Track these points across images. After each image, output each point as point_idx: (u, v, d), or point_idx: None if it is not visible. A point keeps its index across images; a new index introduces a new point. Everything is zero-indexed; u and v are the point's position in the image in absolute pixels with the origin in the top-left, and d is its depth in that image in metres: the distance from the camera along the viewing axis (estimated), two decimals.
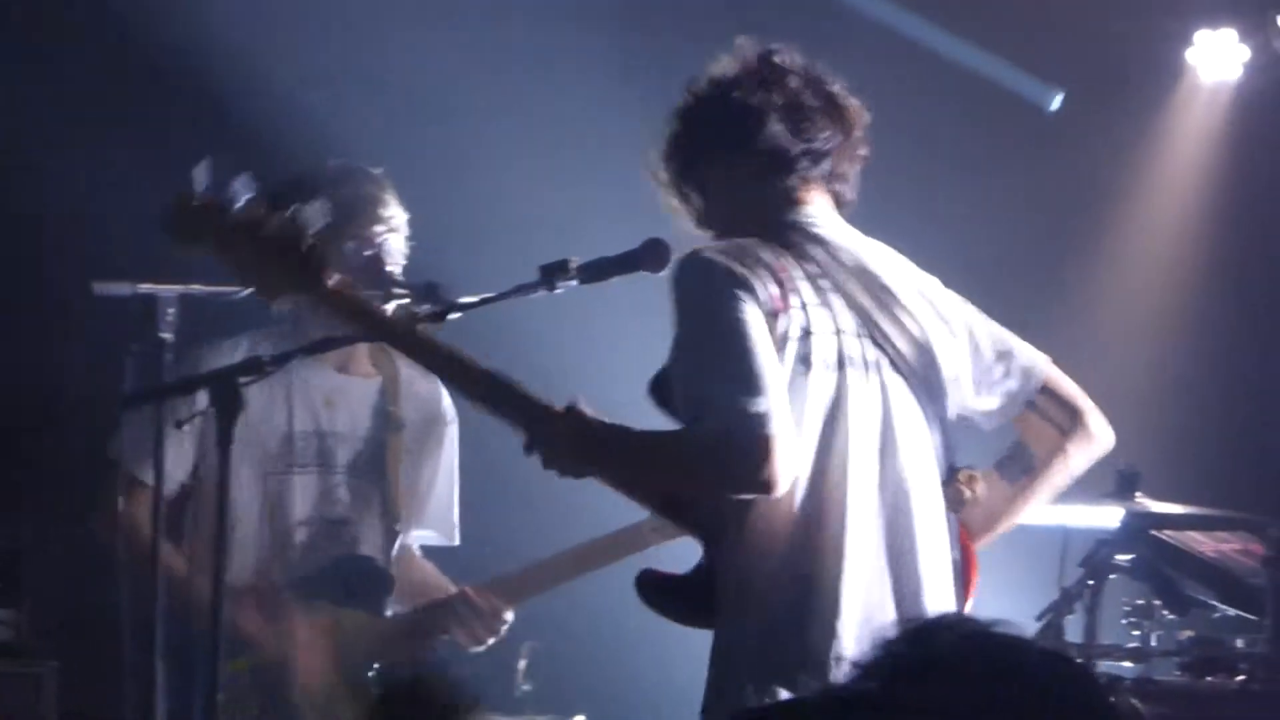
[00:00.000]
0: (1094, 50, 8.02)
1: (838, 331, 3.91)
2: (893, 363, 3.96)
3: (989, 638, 1.84)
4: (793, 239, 3.97)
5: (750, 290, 3.81)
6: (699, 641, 3.98)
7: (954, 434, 4.06)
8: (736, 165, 4.07)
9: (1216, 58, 8.15)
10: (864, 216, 4.20)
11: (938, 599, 3.94)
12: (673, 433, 3.84)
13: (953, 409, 4.05)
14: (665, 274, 4.00)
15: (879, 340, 3.95)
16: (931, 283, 4.13)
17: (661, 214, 4.20)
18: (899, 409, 3.94)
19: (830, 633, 3.80)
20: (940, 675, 1.78)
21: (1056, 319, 7.46)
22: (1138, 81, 8.21)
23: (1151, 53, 8.18)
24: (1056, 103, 8.14)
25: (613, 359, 4.62)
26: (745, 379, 3.73)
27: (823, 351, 3.87)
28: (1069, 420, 4.14)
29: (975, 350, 4.09)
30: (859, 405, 3.90)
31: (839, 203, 4.11)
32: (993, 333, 4.14)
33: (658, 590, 3.99)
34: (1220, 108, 8.23)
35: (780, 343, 3.82)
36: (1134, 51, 8.10)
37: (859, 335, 3.93)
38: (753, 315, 3.79)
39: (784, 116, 4.04)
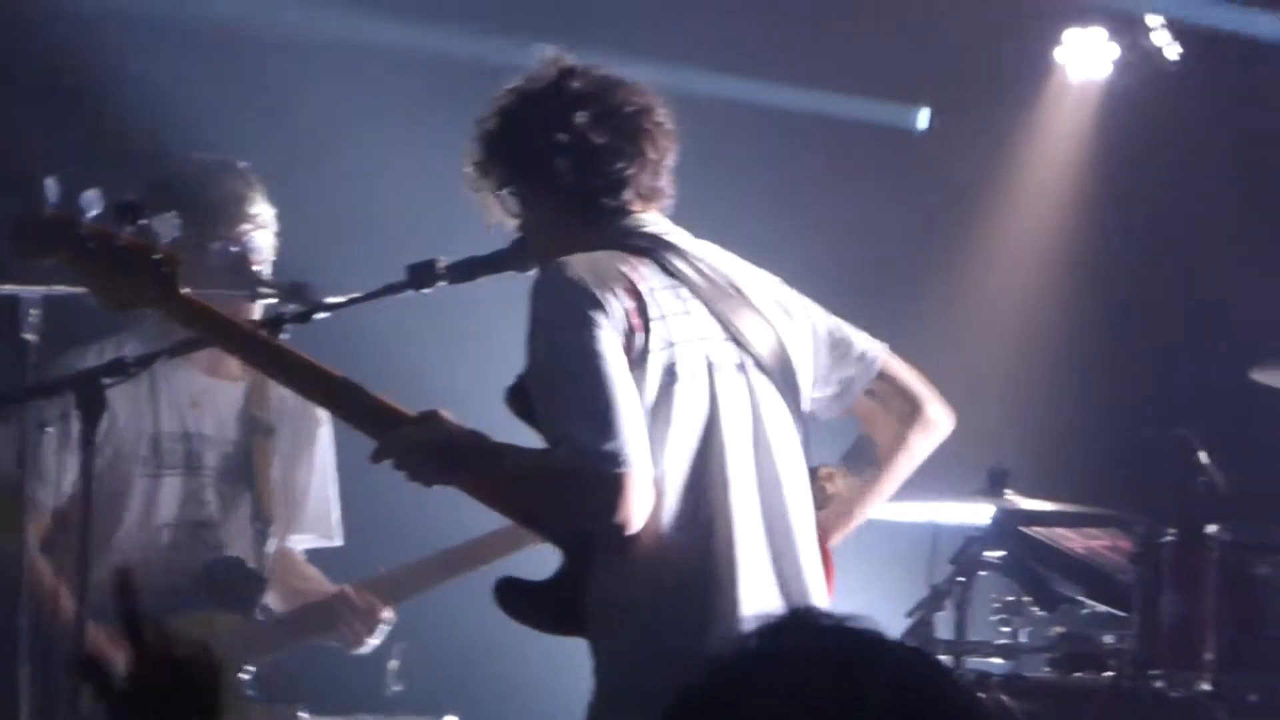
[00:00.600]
0: (963, 50, 8.06)
1: (702, 338, 3.91)
2: (757, 363, 3.97)
3: (844, 632, 1.85)
4: (640, 245, 3.97)
5: (606, 312, 3.79)
6: (571, 642, 3.97)
7: (810, 431, 4.08)
8: (551, 188, 4.01)
9: (1086, 56, 8.21)
10: (732, 225, 4.20)
11: (820, 598, 3.96)
12: (532, 458, 3.83)
13: (806, 404, 4.07)
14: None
15: (742, 342, 3.96)
16: (769, 278, 4.16)
17: None
18: (768, 409, 3.96)
19: (732, 635, 3.77)
20: (795, 669, 1.80)
21: (927, 319, 7.51)
22: (1007, 80, 8.25)
23: (1021, 52, 8.24)
24: (924, 121, 8.18)
25: (484, 358, 4.60)
26: (598, 415, 3.71)
27: (689, 360, 3.87)
28: (908, 408, 4.16)
29: (815, 340, 4.11)
30: (731, 409, 3.91)
31: (658, 190, 4.07)
32: (830, 322, 4.16)
33: (518, 598, 3.96)
34: (1089, 106, 8.29)
35: (640, 358, 3.81)
36: (1003, 50, 8.15)
37: (723, 340, 3.94)
38: (608, 341, 3.77)
39: (596, 134, 3.97)
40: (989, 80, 8.14)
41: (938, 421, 4.19)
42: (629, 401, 3.75)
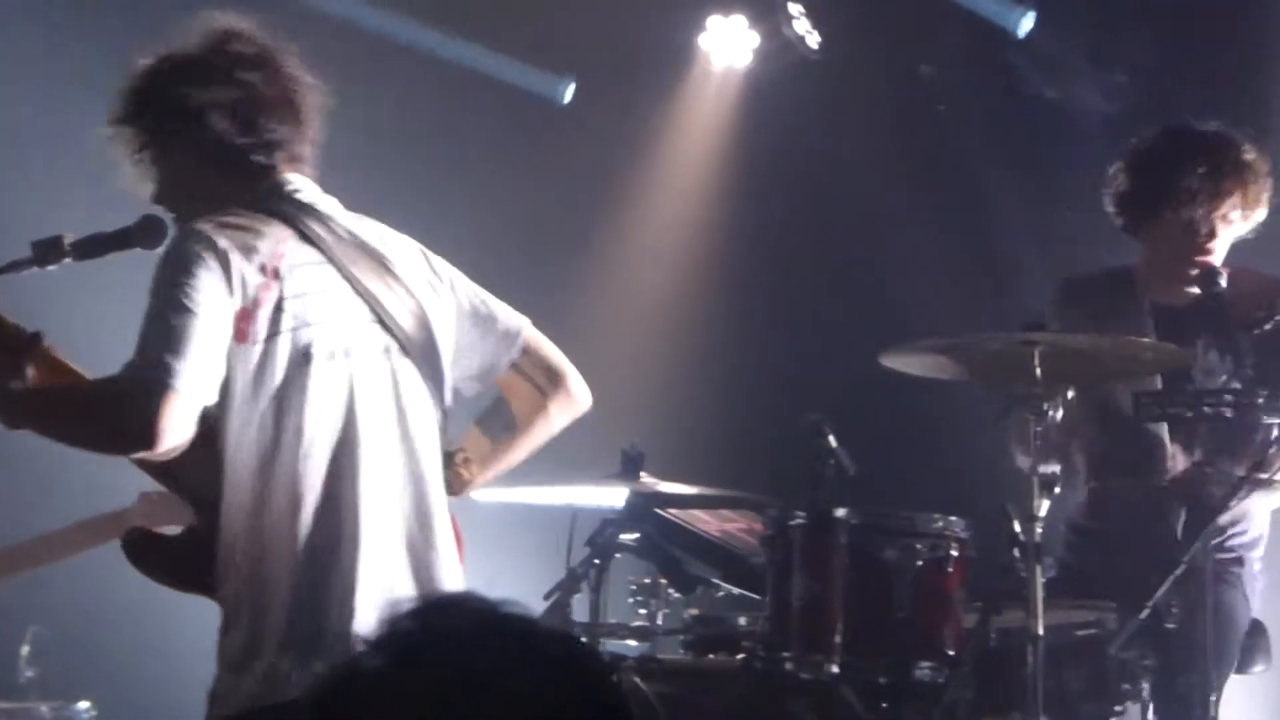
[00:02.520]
0: (607, 35, 8.10)
1: (343, 320, 3.88)
2: (402, 347, 3.97)
3: (495, 615, 1.87)
4: (287, 211, 3.93)
5: (226, 267, 3.78)
6: (207, 625, 3.90)
7: (447, 415, 4.08)
8: (190, 152, 4.01)
9: (728, 44, 8.30)
10: (380, 205, 4.18)
11: (453, 579, 4.00)
12: (82, 382, 3.85)
13: (448, 385, 4.08)
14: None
15: (388, 324, 3.94)
16: (417, 249, 4.16)
17: None
18: (410, 395, 3.97)
19: (349, 611, 3.82)
20: (447, 650, 1.82)
21: (566, 298, 7.53)
22: (650, 66, 8.31)
23: (666, 35, 8.30)
24: (569, 95, 8.20)
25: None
26: (167, 339, 3.71)
27: (326, 342, 3.85)
28: (549, 381, 4.24)
29: (460, 314, 4.14)
30: (372, 394, 3.91)
31: (305, 155, 4.09)
32: (475, 296, 4.19)
33: (147, 550, 3.97)
34: (731, 94, 8.39)
35: (271, 335, 3.80)
36: (647, 36, 8.20)
37: (369, 321, 3.92)
38: (210, 288, 3.76)
39: (233, 111, 3.98)
40: (634, 61, 8.20)
41: (578, 396, 4.28)
42: (205, 340, 3.73)
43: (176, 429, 3.70)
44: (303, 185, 4.03)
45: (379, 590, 3.84)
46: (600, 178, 8.29)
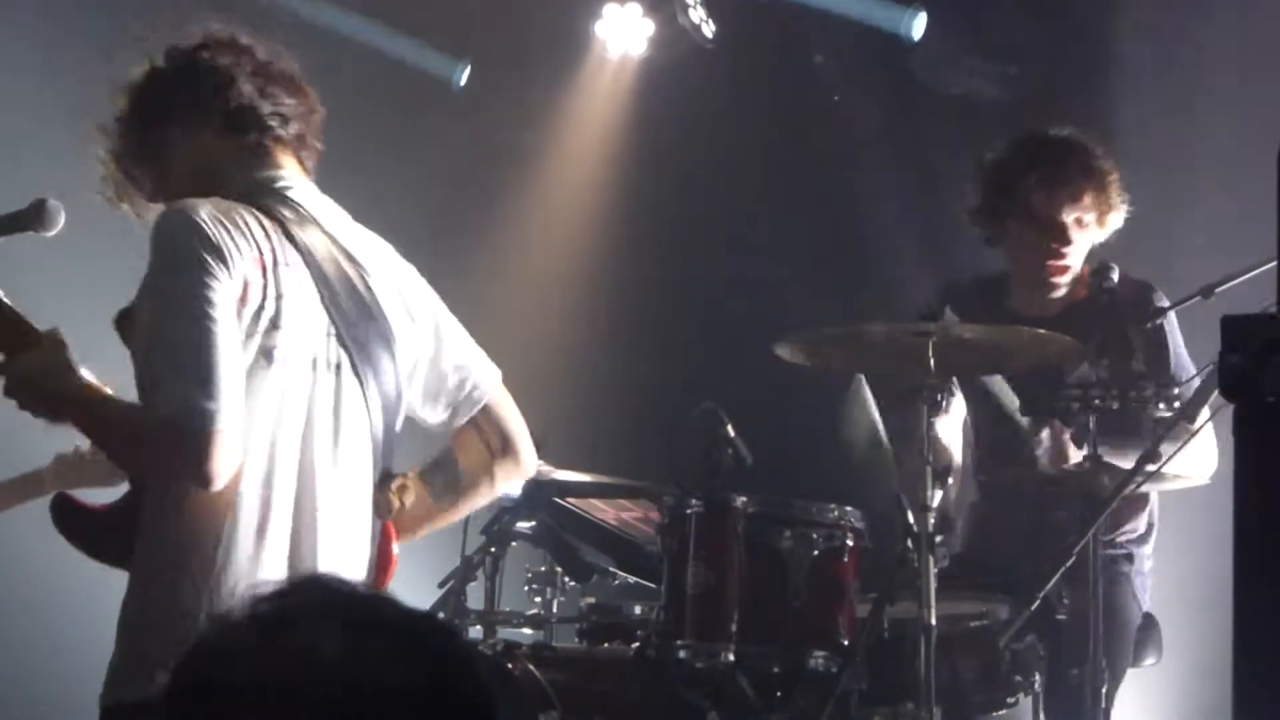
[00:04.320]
0: (502, 22, 8.09)
1: (306, 328, 3.87)
2: (354, 365, 3.94)
3: (351, 594, 1.91)
4: (271, 206, 3.91)
5: (227, 267, 3.75)
6: (109, 609, 3.89)
7: (395, 439, 4.06)
8: (201, 123, 4.00)
9: (624, 32, 8.30)
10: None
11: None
12: (128, 410, 3.79)
13: (404, 412, 4.07)
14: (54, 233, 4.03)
15: (345, 340, 3.93)
16: (408, 273, 4.14)
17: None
18: (348, 413, 3.94)
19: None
20: (301, 627, 1.84)
21: (467, 287, 7.51)
22: (546, 54, 8.31)
23: (561, 25, 8.29)
24: (463, 78, 8.18)
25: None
26: (199, 370, 3.68)
27: (286, 347, 3.83)
28: (502, 444, 4.20)
29: (437, 353, 4.12)
30: (314, 404, 3.89)
31: (305, 171, 4.09)
32: (456, 338, 4.16)
33: (72, 517, 3.95)
34: (626, 81, 8.40)
35: (247, 330, 3.78)
36: (544, 23, 8.20)
37: (327, 334, 3.92)
38: (222, 297, 3.73)
39: (252, 79, 4.01)
40: (530, 47, 8.19)
41: (526, 463, 4.25)
42: (231, 358, 3.71)
43: (231, 465, 3.72)
44: (295, 182, 4.00)
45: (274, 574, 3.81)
46: (494, 163, 8.28)
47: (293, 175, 4.02)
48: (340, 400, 3.92)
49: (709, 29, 8.01)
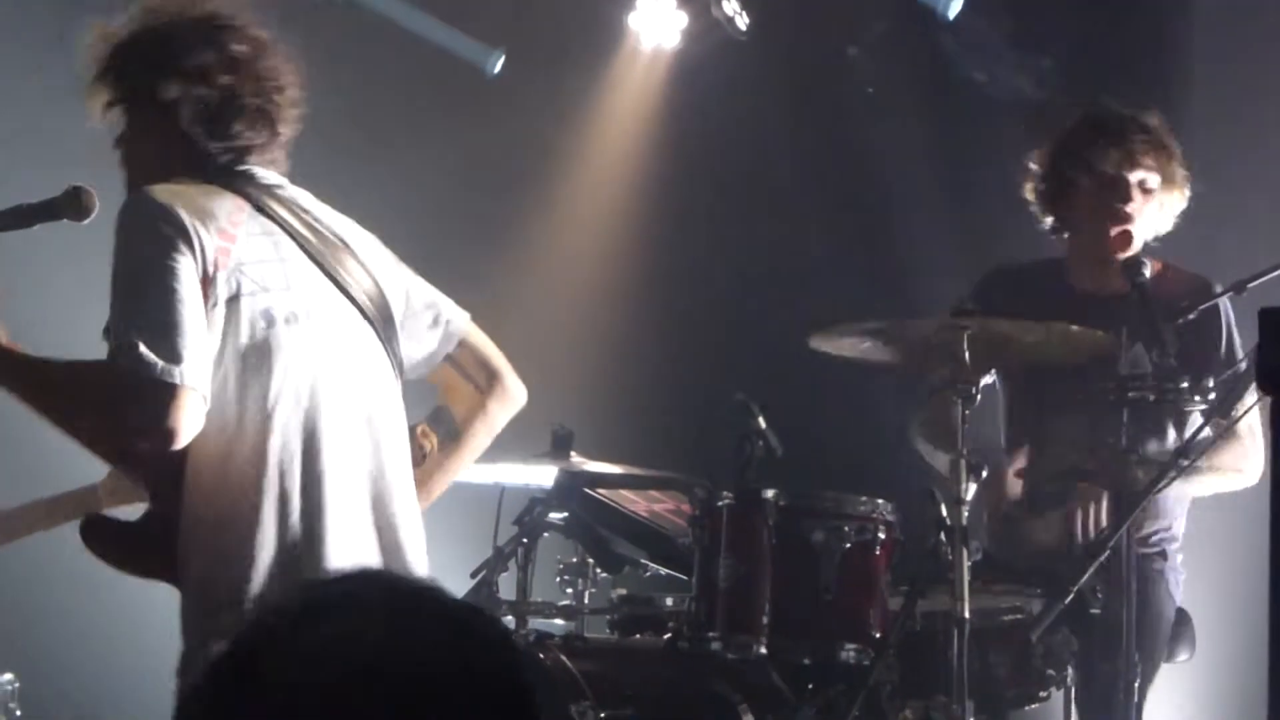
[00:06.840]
0: (536, 11, 8.08)
1: (302, 286, 3.91)
2: (363, 314, 4.00)
3: (399, 584, 1.92)
4: (240, 186, 3.93)
5: (189, 240, 3.77)
6: (136, 603, 3.89)
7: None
8: (155, 134, 4.00)
9: (657, 23, 8.29)
10: (308, 179, 4.17)
11: (417, 552, 3.99)
12: (85, 365, 3.80)
13: (403, 361, 4.12)
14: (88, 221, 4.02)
15: (349, 292, 3.97)
16: (370, 237, 4.18)
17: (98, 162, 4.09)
18: (372, 363, 4.00)
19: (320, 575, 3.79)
20: (348, 615, 1.85)
21: (497, 280, 7.51)
22: (580, 45, 8.30)
23: (594, 16, 8.28)
24: (498, 65, 8.17)
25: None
26: (163, 326, 3.70)
27: (284, 307, 3.86)
28: (486, 378, 4.25)
29: (408, 303, 4.16)
30: (334, 357, 3.92)
31: (277, 159, 4.09)
32: (420, 286, 4.22)
33: (103, 537, 3.94)
34: (659, 73, 8.38)
35: (231, 300, 3.79)
36: (577, 14, 8.19)
37: (328, 288, 3.94)
38: (184, 264, 3.75)
39: (206, 110, 3.98)
40: (564, 38, 8.18)
41: (515, 393, 4.29)
42: (196, 324, 3.73)
43: (193, 426, 3.71)
44: (264, 173, 4.03)
45: (347, 556, 3.80)
46: (526, 153, 8.27)
47: (260, 170, 4.03)
48: (360, 348, 3.97)
49: (742, 21, 7.99)
